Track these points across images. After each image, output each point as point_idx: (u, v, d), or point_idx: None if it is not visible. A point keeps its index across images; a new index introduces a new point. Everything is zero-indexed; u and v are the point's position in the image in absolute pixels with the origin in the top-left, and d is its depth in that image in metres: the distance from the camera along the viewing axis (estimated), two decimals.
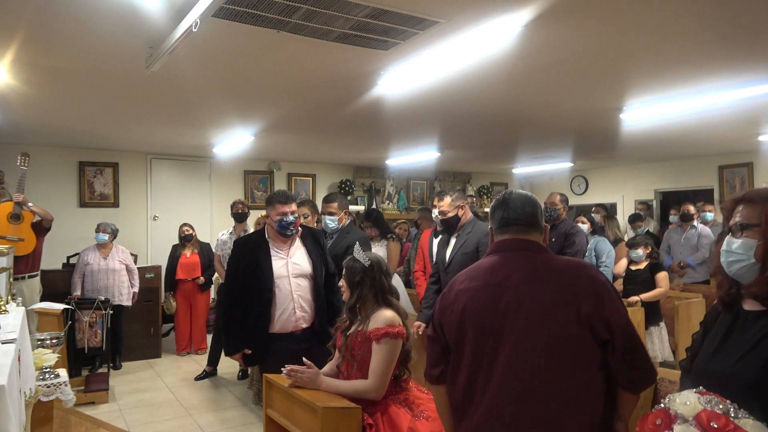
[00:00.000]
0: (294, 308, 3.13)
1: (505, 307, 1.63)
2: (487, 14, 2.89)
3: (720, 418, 1.14)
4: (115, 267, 5.83)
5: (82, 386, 4.89)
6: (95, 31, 3.12)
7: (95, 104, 4.89)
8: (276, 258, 3.16)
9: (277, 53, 3.51)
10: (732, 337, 1.44)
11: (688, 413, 1.18)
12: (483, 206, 10.37)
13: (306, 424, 2.30)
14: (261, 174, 8.68)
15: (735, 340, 1.43)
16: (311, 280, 3.23)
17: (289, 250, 3.21)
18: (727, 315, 1.50)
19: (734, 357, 1.39)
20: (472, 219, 3.62)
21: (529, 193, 1.87)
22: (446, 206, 3.52)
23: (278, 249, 3.19)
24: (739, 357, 1.38)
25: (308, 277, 3.22)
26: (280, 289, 3.12)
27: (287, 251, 3.20)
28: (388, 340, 2.33)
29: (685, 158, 8.67)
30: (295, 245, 3.24)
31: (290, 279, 3.15)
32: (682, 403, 1.20)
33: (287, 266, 3.16)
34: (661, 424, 1.20)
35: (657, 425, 1.21)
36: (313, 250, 3.28)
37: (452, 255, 3.55)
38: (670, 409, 1.22)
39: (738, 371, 1.36)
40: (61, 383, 2.73)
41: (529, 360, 1.59)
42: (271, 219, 3.15)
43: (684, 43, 3.39)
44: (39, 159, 7.04)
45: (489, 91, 4.45)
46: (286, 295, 3.12)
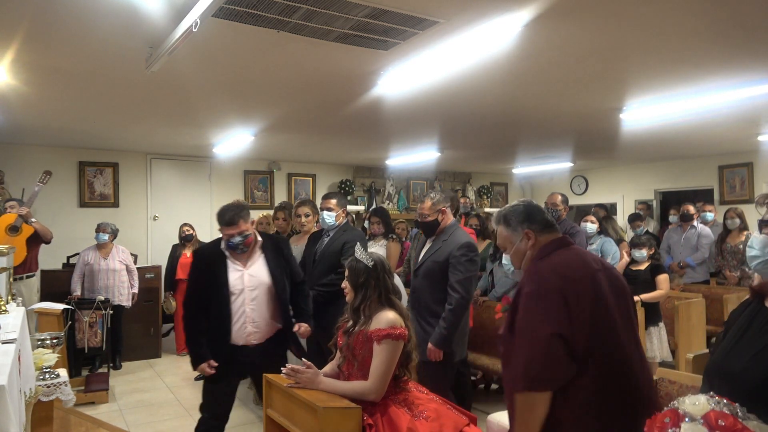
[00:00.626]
0: (245, 322, 3.02)
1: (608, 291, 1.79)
2: (487, 14, 2.89)
3: (728, 418, 1.16)
4: (116, 267, 5.84)
5: (82, 386, 4.89)
6: (95, 31, 3.12)
7: (95, 104, 4.89)
8: (232, 270, 3.04)
9: (277, 53, 3.51)
10: (748, 334, 1.45)
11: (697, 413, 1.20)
12: (483, 206, 10.37)
13: (306, 424, 2.29)
14: (261, 174, 8.68)
15: (751, 337, 1.44)
16: (270, 291, 3.10)
17: (247, 261, 3.09)
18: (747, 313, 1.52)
19: (748, 354, 1.40)
20: (452, 225, 3.50)
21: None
22: (426, 209, 3.44)
23: (235, 260, 3.07)
24: (752, 354, 1.39)
25: (267, 288, 3.09)
26: (235, 302, 3.01)
27: (244, 263, 3.08)
28: (390, 342, 2.33)
29: (685, 158, 8.67)
30: (254, 256, 3.11)
31: (245, 292, 3.04)
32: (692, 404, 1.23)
33: (243, 278, 3.04)
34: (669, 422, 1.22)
35: (665, 423, 1.23)
36: (273, 259, 3.14)
37: (424, 259, 3.47)
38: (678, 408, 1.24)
39: (749, 368, 1.37)
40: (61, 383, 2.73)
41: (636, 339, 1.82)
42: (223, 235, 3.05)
43: (684, 43, 3.39)
44: (39, 159, 7.05)
45: (489, 91, 4.45)
46: (239, 308, 3.02)
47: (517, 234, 1.96)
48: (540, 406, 1.67)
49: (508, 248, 2.00)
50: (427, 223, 3.47)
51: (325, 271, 3.72)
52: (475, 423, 2.39)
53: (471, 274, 3.32)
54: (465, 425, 2.31)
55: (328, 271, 3.70)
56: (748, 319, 1.50)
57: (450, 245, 3.36)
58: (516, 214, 1.98)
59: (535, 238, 1.93)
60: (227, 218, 2.99)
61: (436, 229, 3.47)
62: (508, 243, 2.00)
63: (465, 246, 3.33)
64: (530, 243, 1.93)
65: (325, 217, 3.85)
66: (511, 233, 1.98)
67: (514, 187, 11.30)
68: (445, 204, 3.47)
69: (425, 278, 3.41)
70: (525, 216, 1.98)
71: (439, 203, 3.44)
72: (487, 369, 4.57)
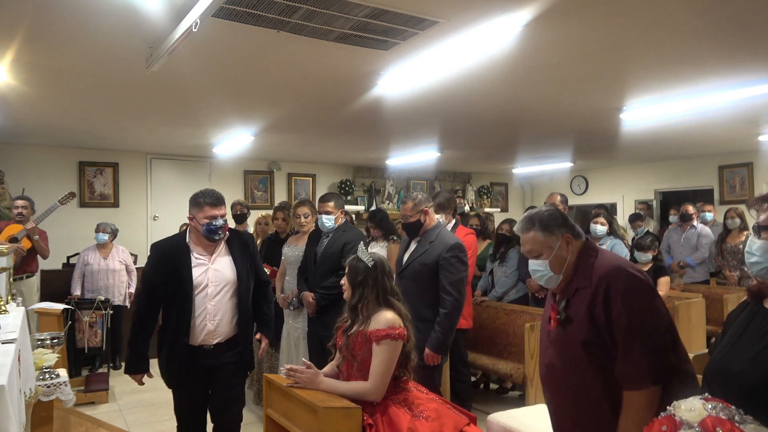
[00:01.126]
0: (204, 319, 2.81)
1: None
2: (487, 14, 2.89)
3: (725, 424, 1.15)
4: (115, 267, 5.84)
5: (82, 386, 4.89)
6: (95, 32, 3.12)
7: (95, 104, 4.89)
8: (197, 264, 2.84)
9: (277, 53, 3.51)
10: (747, 335, 1.45)
11: (693, 419, 1.19)
12: (483, 206, 10.37)
13: (306, 424, 2.29)
14: (261, 174, 8.68)
15: (750, 338, 1.43)
16: (234, 289, 2.90)
17: (212, 256, 2.88)
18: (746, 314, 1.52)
19: (747, 355, 1.40)
20: (436, 225, 3.46)
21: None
22: (408, 210, 3.40)
23: (200, 254, 2.87)
24: (752, 355, 1.38)
25: (230, 285, 2.89)
26: (196, 298, 2.82)
27: (209, 257, 2.88)
28: (389, 342, 2.33)
29: (685, 158, 8.68)
30: (219, 251, 2.92)
31: (209, 287, 2.83)
32: (687, 410, 1.21)
33: (207, 273, 2.84)
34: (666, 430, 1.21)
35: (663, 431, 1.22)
36: (239, 256, 2.95)
37: (409, 261, 3.41)
38: (675, 415, 1.23)
39: (748, 369, 1.36)
40: (61, 383, 2.73)
41: None
42: (197, 221, 2.83)
43: (684, 42, 3.39)
44: (39, 159, 7.05)
45: (489, 91, 4.45)
46: (200, 305, 2.81)
47: (555, 239, 1.91)
48: (658, 399, 1.69)
49: (545, 254, 1.91)
50: (410, 224, 3.43)
51: (327, 273, 3.71)
52: (475, 423, 2.39)
53: (462, 275, 3.31)
54: (465, 425, 2.31)
55: (329, 273, 3.69)
56: (746, 320, 1.49)
57: (438, 247, 3.32)
58: (554, 219, 1.94)
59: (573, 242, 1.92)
60: (217, 196, 2.85)
61: (420, 230, 3.44)
62: (545, 248, 1.92)
63: (455, 247, 3.30)
64: (570, 248, 1.91)
65: (324, 221, 3.82)
66: (549, 238, 1.91)
67: (514, 187, 11.29)
68: (427, 204, 3.43)
69: (412, 280, 3.35)
70: (563, 220, 1.95)
71: (421, 204, 3.40)
72: (487, 369, 4.57)
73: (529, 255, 1.97)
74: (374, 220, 5.35)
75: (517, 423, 2.80)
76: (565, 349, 1.85)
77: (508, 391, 5.06)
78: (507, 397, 4.97)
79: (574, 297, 1.86)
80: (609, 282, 1.78)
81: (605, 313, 1.75)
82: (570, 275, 1.91)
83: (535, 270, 1.96)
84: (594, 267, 1.86)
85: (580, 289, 1.85)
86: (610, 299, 1.76)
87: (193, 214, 2.85)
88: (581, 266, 1.89)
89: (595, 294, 1.78)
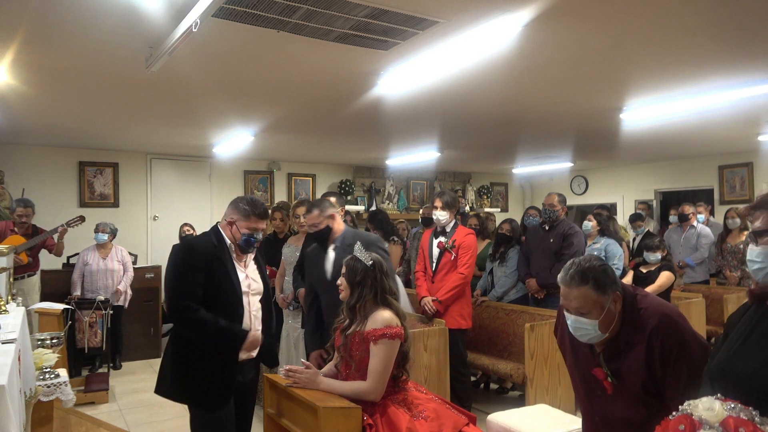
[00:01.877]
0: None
1: None
2: (487, 14, 2.89)
3: (748, 425, 1.14)
4: (114, 267, 5.84)
5: (82, 386, 4.89)
6: (95, 31, 3.12)
7: (95, 104, 4.89)
8: (239, 271, 2.63)
9: (277, 53, 3.51)
10: (754, 337, 1.44)
11: (714, 419, 1.17)
12: (483, 206, 10.37)
13: (306, 424, 2.30)
14: (261, 174, 8.68)
15: (757, 340, 1.42)
16: (262, 298, 2.76)
17: (244, 263, 2.68)
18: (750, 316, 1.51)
19: (758, 357, 1.38)
20: (346, 230, 3.28)
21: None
22: (314, 219, 3.19)
23: (237, 261, 2.64)
24: (764, 357, 1.37)
25: (262, 294, 2.75)
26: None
27: (243, 264, 2.67)
28: (386, 341, 2.33)
29: (685, 158, 8.68)
30: (249, 259, 2.73)
31: (249, 296, 2.64)
32: (706, 409, 1.19)
33: (246, 281, 2.64)
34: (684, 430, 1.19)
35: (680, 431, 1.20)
36: (261, 264, 2.81)
37: (334, 270, 3.13)
38: (692, 414, 1.21)
39: (760, 371, 1.35)
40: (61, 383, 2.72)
41: None
42: (237, 229, 2.58)
43: (684, 43, 3.39)
44: (39, 159, 7.06)
45: (489, 91, 4.45)
46: (245, 318, 2.59)
47: (607, 298, 1.82)
48: None
49: (595, 313, 1.80)
50: (320, 232, 3.22)
51: None
52: (474, 423, 2.39)
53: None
54: (464, 425, 2.31)
55: None
56: (752, 322, 1.48)
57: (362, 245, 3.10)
58: (607, 277, 1.84)
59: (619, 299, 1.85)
60: (265, 208, 2.65)
61: (330, 237, 3.24)
62: (596, 307, 1.81)
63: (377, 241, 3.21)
64: (617, 306, 1.84)
65: None
66: (602, 297, 1.81)
67: (514, 187, 11.30)
68: (332, 209, 3.26)
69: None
70: (613, 277, 1.85)
71: (326, 209, 3.22)
72: (487, 369, 4.57)
73: (575, 311, 1.85)
74: (375, 220, 5.36)
75: (517, 423, 2.80)
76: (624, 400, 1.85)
77: (508, 391, 5.06)
78: (507, 397, 4.96)
79: (625, 352, 1.82)
80: (662, 338, 1.78)
81: (662, 368, 1.77)
82: (615, 330, 1.84)
83: (579, 328, 1.85)
84: (642, 319, 1.82)
85: (630, 343, 1.81)
86: (665, 356, 1.77)
87: (234, 219, 2.58)
88: (627, 319, 1.84)
89: (650, 348, 1.78)
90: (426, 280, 4.31)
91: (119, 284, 5.87)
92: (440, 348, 3.85)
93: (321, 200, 3.36)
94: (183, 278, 2.49)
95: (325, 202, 3.32)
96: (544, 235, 4.92)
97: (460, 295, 4.14)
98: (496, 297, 4.99)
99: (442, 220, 4.23)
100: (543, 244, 4.88)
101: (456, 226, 4.29)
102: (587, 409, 2.05)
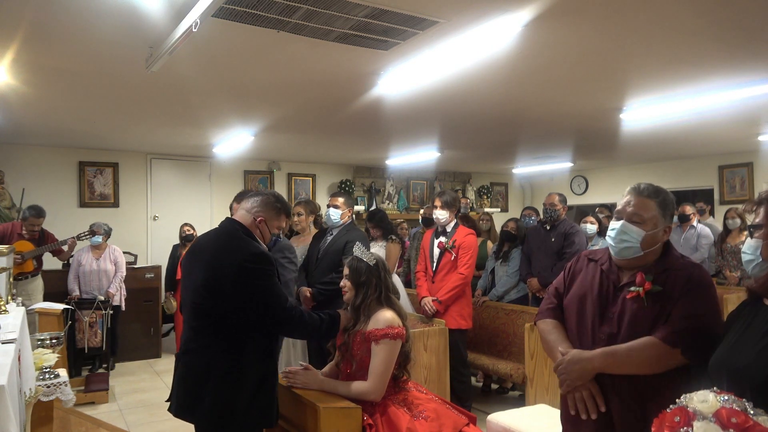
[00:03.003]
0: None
1: None
2: (487, 14, 2.89)
3: (740, 415, 1.17)
4: (107, 268, 5.80)
5: (82, 386, 4.89)
6: (95, 31, 3.12)
7: (95, 104, 4.89)
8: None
9: (277, 53, 3.51)
10: (749, 332, 1.48)
11: (707, 411, 1.20)
12: (483, 206, 10.37)
13: (306, 424, 2.29)
14: (261, 174, 8.68)
15: (752, 334, 1.46)
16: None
17: None
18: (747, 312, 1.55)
19: (752, 350, 1.42)
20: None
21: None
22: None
23: None
24: (757, 350, 1.41)
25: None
26: None
27: None
28: (388, 341, 2.33)
29: (685, 158, 8.68)
30: None
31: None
32: (700, 401, 1.23)
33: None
34: (679, 421, 1.22)
35: (676, 423, 1.23)
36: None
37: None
38: (687, 406, 1.24)
39: (753, 364, 1.39)
40: (61, 383, 2.73)
41: None
42: (267, 227, 2.43)
43: (684, 43, 3.39)
44: (39, 159, 7.06)
45: (489, 91, 4.45)
46: None
47: (663, 221, 1.88)
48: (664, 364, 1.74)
49: (647, 225, 1.84)
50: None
51: (327, 270, 3.73)
52: (474, 423, 2.39)
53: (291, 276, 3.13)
54: (464, 425, 2.31)
55: (329, 270, 3.71)
56: (748, 318, 1.52)
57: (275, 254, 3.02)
58: (672, 205, 1.93)
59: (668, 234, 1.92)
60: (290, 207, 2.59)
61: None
62: (650, 221, 1.85)
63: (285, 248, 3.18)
64: (664, 236, 1.89)
65: (330, 213, 3.87)
66: (660, 216, 1.87)
67: (514, 187, 11.30)
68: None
69: None
70: (672, 212, 1.94)
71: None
72: (487, 369, 4.57)
73: (629, 218, 1.86)
74: (373, 220, 5.36)
75: (517, 423, 2.80)
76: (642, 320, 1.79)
77: (508, 391, 5.06)
78: (507, 397, 4.96)
79: (664, 275, 1.82)
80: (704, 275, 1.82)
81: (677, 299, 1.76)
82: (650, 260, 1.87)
83: (624, 233, 1.85)
84: (684, 258, 1.89)
85: (671, 270, 1.82)
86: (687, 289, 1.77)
87: (264, 218, 2.40)
88: (670, 255, 1.89)
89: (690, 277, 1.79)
90: (427, 280, 4.32)
91: (110, 287, 5.78)
92: (440, 348, 3.85)
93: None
94: (276, 288, 2.29)
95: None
96: (546, 234, 4.93)
97: (460, 296, 4.14)
98: (496, 296, 4.99)
99: (442, 220, 4.24)
100: (544, 243, 4.88)
101: (457, 226, 4.29)
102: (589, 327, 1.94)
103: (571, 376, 1.81)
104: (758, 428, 1.15)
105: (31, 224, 5.26)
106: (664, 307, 1.77)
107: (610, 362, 1.77)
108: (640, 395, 1.75)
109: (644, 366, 1.73)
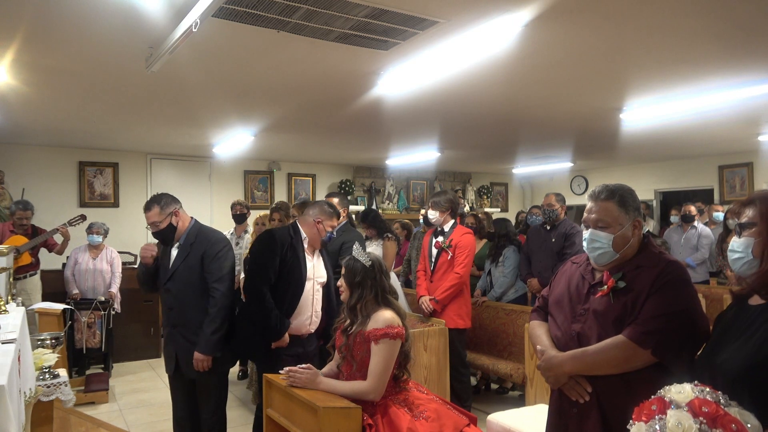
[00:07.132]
0: (311, 314, 3.18)
1: None
2: (487, 14, 2.89)
3: (710, 405, 1.24)
4: (103, 268, 5.77)
5: (82, 386, 4.89)
6: (95, 32, 3.12)
7: (95, 104, 4.89)
8: (308, 260, 3.19)
9: (277, 53, 3.51)
10: (732, 330, 1.54)
11: (682, 400, 1.28)
12: (483, 206, 10.37)
13: (306, 424, 2.29)
14: (261, 174, 8.68)
15: (734, 332, 1.52)
16: (325, 286, 3.28)
17: (313, 255, 3.24)
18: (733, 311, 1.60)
19: (727, 348, 1.50)
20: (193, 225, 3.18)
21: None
22: (155, 217, 3.07)
23: (308, 252, 3.21)
24: (734, 347, 1.48)
25: (324, 281, 3.27)
26: (305, 293, 3.14)
27: (312, 255, 3.23)
28: (387, 341, 2.33)
29: (685, 158, 8.68)
30: (317, 251, 3.29)
31: (314, 281, 3.19)
32: (678, 392, 1.30)
33: (313, 270, 3.20)
34: (656, 409, 1.29)
35: (652, 411, 1.30)
36: (327, 258, 3.34)
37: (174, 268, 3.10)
38: (665, 396, 1.31)
39: (728, 359, 1.47)
40: (61, 383, 2.73)
41: None
42: (323, 226, 3.17)
43: (684, 43, 3.39)
44: (39, 159, 7.06)
45: (489, 91, 4.45)
46: (307, 299, 3.15)
47: (628, 218, 1.87)
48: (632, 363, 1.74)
49: (613, 228, 1.84)
50: (162, 231, 3.12)
51: None
52: (475, 423, 2.39)
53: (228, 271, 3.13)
54: (465, 425, 2.31)
55: None
56: (732, 318, 1.59)
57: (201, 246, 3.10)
58: (633, 199, 1.91)
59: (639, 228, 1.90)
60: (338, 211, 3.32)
61: (175, 235, 3.15)
62: (615, 223, 1.85)
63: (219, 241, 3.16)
64: (636, 232, 1.88)
65: None
66: (623, 215, 1.86)
67: (514, 187, 11.30)
68: (174, 206, 3.14)
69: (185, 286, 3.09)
70: (638, 204, 1.93)
71: (168, 206, 3.11)
72: (487, 369, 4.57)
73: (594, 224, 1.89)
74: (366, 220, 5.36)
75: (517, 423, 2.80)
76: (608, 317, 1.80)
77: (508, 391, 5.06)
78: (507, 397, 4.97)
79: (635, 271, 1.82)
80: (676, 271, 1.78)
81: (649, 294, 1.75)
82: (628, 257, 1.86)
83: (594, 240, 1.87)
84: (662, 254, 1.86)
85: (643, 267, 1.82)
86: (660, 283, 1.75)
87: (320, 219, 3.18)
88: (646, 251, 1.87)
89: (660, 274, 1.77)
90: (426, 279, 4.32)
91: (111, 287, 5.76)
92: (440, 348, 3.85)
93: (161, 196, 3.18)
94: (261, 261, 3.12)
95: (166, 197, 3.16)
96: (546, 235, 4.93)
97: (458, 295, 4.14)
98: (494, 297, 5.00)
99: (432, 220, 4.28)
100: (545, 244, 4.89)
101: (455, 226, 4.29)
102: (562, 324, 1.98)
103: (550, 381, 1.91)
104: (728, 418, 1.21)
105: (19, 218, 5.26)
106: (630, 304, 1.78)
107: (579, 365, 1.81)
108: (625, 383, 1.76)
109: (614, 366, 1.75)
